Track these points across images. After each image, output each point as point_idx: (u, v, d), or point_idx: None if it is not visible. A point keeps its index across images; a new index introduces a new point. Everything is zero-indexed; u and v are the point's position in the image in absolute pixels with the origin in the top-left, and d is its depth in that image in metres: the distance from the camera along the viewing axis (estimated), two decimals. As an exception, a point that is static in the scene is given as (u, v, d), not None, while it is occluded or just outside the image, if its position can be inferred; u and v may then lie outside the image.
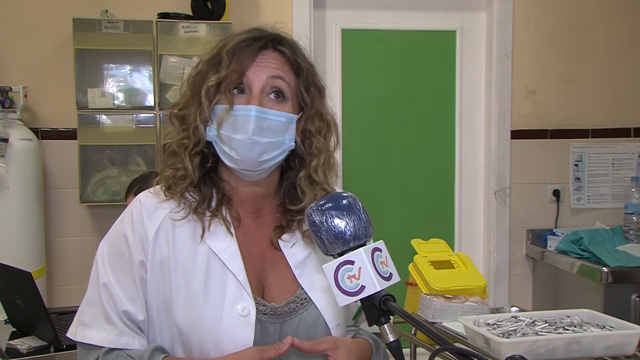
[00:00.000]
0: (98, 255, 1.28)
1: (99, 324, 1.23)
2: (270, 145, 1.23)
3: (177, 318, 1.20)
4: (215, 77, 1.23)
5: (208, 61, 1.27)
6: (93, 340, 1.23)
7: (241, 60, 1.23)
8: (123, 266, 1.24)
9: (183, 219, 1.25)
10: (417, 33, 3.59)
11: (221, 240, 1.24)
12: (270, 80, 1.24)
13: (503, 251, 3.60)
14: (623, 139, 3.70)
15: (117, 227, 1.28)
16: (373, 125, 3.58)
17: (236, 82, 1.23)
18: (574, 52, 3.64)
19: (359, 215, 1.04)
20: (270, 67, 1.25)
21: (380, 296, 1.00)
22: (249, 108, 1.21)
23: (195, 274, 1.21)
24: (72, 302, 2.94)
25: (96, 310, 1.24)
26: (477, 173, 3.68)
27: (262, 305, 1.23)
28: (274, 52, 1.27)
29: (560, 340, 1.58)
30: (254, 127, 1.21)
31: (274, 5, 3.35)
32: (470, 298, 2.19)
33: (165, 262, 1.22)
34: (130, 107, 3.08)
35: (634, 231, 3.36)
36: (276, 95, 1.25)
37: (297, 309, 1.26)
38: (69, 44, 3.05)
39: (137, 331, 1.24)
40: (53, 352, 2.20)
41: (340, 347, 1.21)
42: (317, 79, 1.32)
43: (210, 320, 1.19)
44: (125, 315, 1.22)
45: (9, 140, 2.87)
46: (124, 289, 1.23)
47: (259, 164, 1.24)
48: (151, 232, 1.23)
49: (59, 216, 3.20)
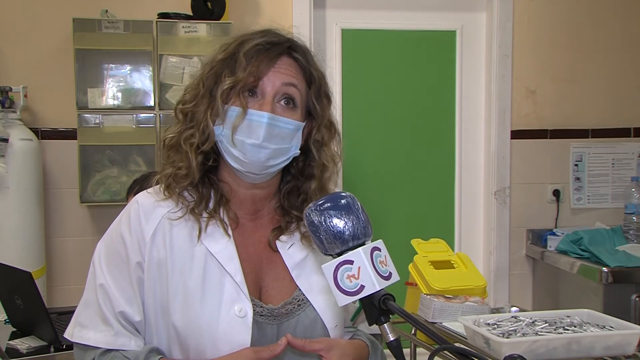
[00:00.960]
0: (95, 256, 1.28)
1: (95, 324, 1.23)
2: (278, 152, 1.24)
3: (174, 319, 1.20)
4: (232, 79, 1.23)
5: (223, 60, 1.26)
6: (90, 341, 1.23)
7: (259, 64, 1.23)
8: (120, 267, 1.24)
9: (180, 218, 1.25)
10: (417, 33, 3.59)
11: (218, 242, 1.24)
12: (283, 87, 1.25)
13: (503, 251, 3.60)
14: (623, 139, 3.70)
15: (114, 228, 1.28)
16: (373, 125, 3.58)
17: (251, 85, 1.23)
18: (574, 52, 3.64)
19: (357, 215, 1.05)
20: (285, 74, 1.25)
21: (379, 295, 1.01)
22: (262, 114, 1.22)
23: (192, 275, 1.21)
24: (72, 302, 2.92)
25: (93, 311, 1.24)
26: (477, 173, 3.68)
27: (259, 307, 1.23)
28: (289, 58, 1.28)
29: (560, 340, 1.58)
30: (265, 133, 1.21)
31: (274, 5, 3.34)
32: (470, 298, 2.19)
33: (162, 263, 1.22)
34: (130, 107, 3.08)
35: (634, 231, 3.36)
36: (286, 102, 1.25)
37: (294, 310, 1.26)
38: (69, 44, 3.05)
39: (134, 332, 1.24)
40: (53, 352, 2.21)
41: (335, 349, 1.21)
42: (328, 88, 1.33)
43: (207, 321, 1.19)
44: (121, 316, 1.22)
45: (9, 140, 2.87)
46: (120, 290, 1.23)
47: (264, 168, 1.25)
48: (148, 233, 1.23)
49: (59, 216, 3.20)
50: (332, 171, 1.33)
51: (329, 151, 1.33)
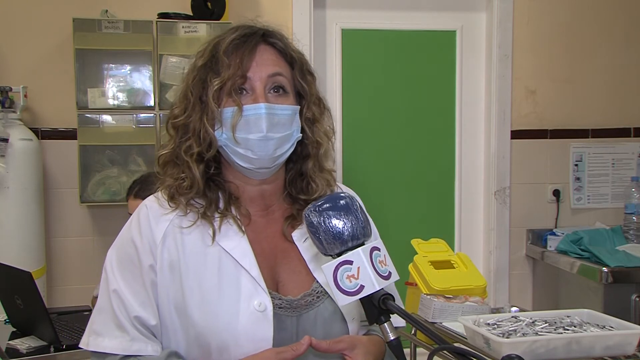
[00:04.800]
0: (107, 262, 1.27)
1: (110, 331, 1.22)
2: (282, 140, 1.24)
3: (193, 319, 1.19)
4: (219, 80, 1.23)
5: (204, 66, 1.26)
6: (106, 348, 1.22)
7: (240, 59, 1.23)
8: (133, 272, 1.23)
9: (192, 225, 1.24)
10: (417, 33, 3.59)
11: (232, 239, 1.24)
12: (270, 78, 1.25)
13: (503, 251, 3.60)
14: (623, 139, 3.70)
15: (124, 234, 1.28)
16: (373, 125, 3.58)
17: (239, 82, 1.23)
18: (573, 52, 3.64)
19: (356, 215, 1.05)
20: (268, 65, 1.26)
21: (379, 295, 1.01)
22: (258, 106, 1.22)
23: (207, 274, 1.21)
24: (72, 302, 2.95)
25: (107, 317, 1.23)
26: (477, 173, 3.68)
27: (278, 299, 1.22)
28: (266, 45, 1.28)
29: (560, 340, 1.58)
30: (266, 124, 1.22)
31: (274, 5, 3.34)
32: (470, 298, 2.19)
33: (174, 264, 1.22)
34: (130, 107, 3.08)
35: (634, 231, 3.36)
36: (276, 90, 1.26)
37: (313, 302, 1.25)
38: (69, 44, 3.05)
39: (150, 337, 1.23)
40: (53, 352, 2.21)
41: (358, 347, 1.20)
42: (309, 65, 1.34)
43: (226, 318, 1.18)
44: (137, 320, 1.21)
45: (9, 140, 2.87)
46: (134, 295, 1.22)
47: (274, 159, 1.25)
48: (159, 235, 1.23)
49: (59, 216, 3.20)
50: (326, 147, 1.34)
51: (321, 127, 1.33)
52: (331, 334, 1.23)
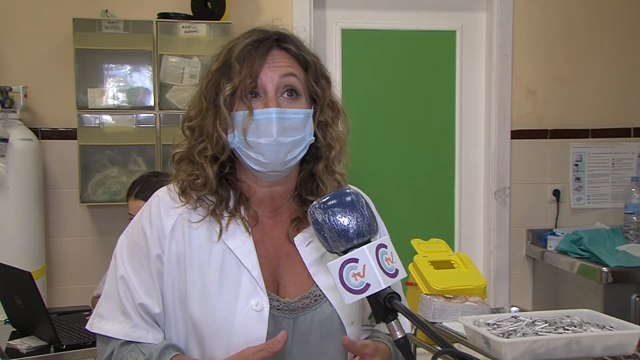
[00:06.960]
0: (117, 249, 1.30)
1: (115, 316, 1.25)
2: (294, 144, 1.25)
3: (191, 311, 1.22)
4: (230, 86, 1.24)
5: (218, 70, 1.27)
6: (108, 332, 1.25)
7: (251, 64, 1.24)
8: (141, 260, 1.25)
9: (201, 220, 1.26)
10: (417, 33, 3.59)
11: (237, 239, 1.25)
12: (282, 79, 1.25)
13: (503, 251, 3.60)
14: (623, 139, 3.70)
15: (136, 222, 1.30)
16: (373, 126, 3.58)
17: (251, 87, 1.24)
18: (573, 52, 3.64)
19: (362, 212, 1.04)
20: (281, 67, 1.26)
21: (385, 294, 1.00)
22: (269, 111, 1.22)
23: (210, 269, 1.23)
24: (72, 302, 2.95)
25: (113, 302, 1.26)
26: (477, 173, 3.68)
27: (276, 301, 1.24)
28: (280, 50, 1.28)
29: (560, 340, 1.58)
30: (277, 129, 1.22)
31: (274, 5, 3.34)
32: (470, 298, 2.20)
33: (180, 256, 1.24)
34: (130, 107, 3.08)
35: (634, 231, 3.36)
36: (289, 93, 1.26)
37: (310, 304, 1.26)
38: (69, 44, 3.05)
39: (153, 324, 1.26)
40: (53, 352, 2.21)
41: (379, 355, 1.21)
42: (324, 69, 1.35)
43: (223, 314, 1.20)
44: (141, 308, 1.24)
45: (9, 140, 2.87)
46: (141, 282, 1.24)
47: (285, 163, 1.25)
48: (168, 226, 1.25)
49: (59, 216, 3.20)
50: (337, 150, 1.36)
51: (334, 131, 1.35)
52: (328, 336, 1.25)
